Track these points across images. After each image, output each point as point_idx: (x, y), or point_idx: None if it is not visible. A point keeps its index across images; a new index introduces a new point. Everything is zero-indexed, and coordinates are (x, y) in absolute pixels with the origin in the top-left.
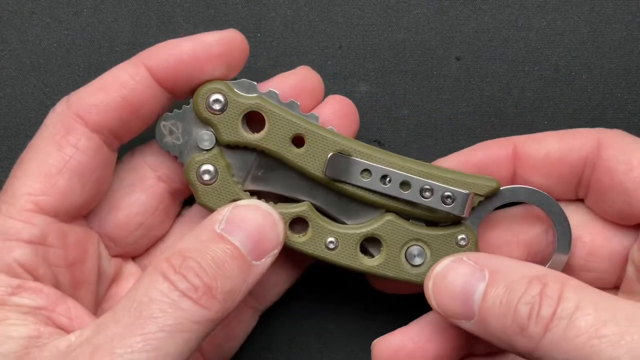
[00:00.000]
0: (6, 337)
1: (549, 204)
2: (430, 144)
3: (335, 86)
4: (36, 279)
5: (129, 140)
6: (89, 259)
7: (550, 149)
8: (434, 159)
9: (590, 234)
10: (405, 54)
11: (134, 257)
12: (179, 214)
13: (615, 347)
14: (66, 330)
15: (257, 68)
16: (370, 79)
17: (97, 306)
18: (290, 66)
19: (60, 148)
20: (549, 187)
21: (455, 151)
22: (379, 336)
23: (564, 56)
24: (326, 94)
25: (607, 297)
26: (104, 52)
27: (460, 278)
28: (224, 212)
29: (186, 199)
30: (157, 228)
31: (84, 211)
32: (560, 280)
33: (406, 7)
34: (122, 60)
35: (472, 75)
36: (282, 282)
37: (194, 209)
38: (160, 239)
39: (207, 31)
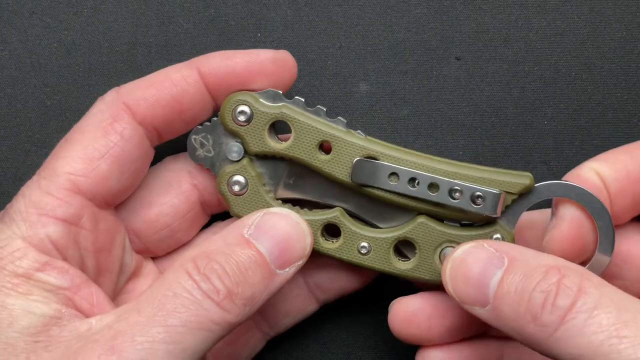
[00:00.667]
0: (28, 312)
1: (589, 200)
2: (430, 144)
3: (335, 86)
4: (64, 258)
5: (165, 141)
6: (116, 248)
7: (628, 167)
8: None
9: (627, 244)
10: (405, 54)
11: (154, 258)
12: (207, 227)
13: (636, 349)
14: (86, 315)
15: None
16: (370, 79)
17: (113, 298)
18: None
19: (106, 134)
20: (634, 205)
21: (455, 151)
22: (378, 336)
23: (564, 56)
24: (326, 94)
25: (628, 298)
26: (104, 52)
27: (478, 263)
28: (254, 218)
29: (216, 214)
30: (182, 233)
31: (117, 200)
32: (580, 274)
33: (406, 7)
34: (122, 61)
35: (472, 75)
36: (297, 313)
37: (225, 224)
38: (182, 245)
39: (207, 31)
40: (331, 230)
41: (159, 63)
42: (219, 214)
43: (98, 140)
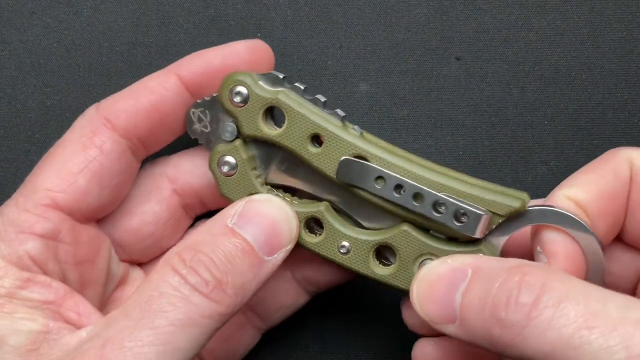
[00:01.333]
0: (15, 330)
1: (581, 230)
2: (430, 144)
3: (335, 86)
4: (45, 273)
5: (155, 152)
6: (100, 260)
7: (600, 187)
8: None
9: (612, 267)
10: (405, 54)
11: (141, 264)
12: (191, 226)
13: (607, 337)
14: (75, 326)
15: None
16: (370, 79)
17: (102, 308)
18: (291, 66)
19: (85, 149)
20: (614, 225)
21: (455, 151)
22: (378, 337)
23: (564, 56)
24: (326, 94)
25: (595, 288)
26: (104, 52)
27: (442, 280)
28: (237, 207)
29: (199, 215)
30: (166, 239)
31: (99, 214)
32: (543, 270)
33: (406, 7)
34: (122, 61)
35: (472, 75)
36: (288, 306)
37: None
38: (168, 249)
39: (207, 31)
40: (313, 225)
41: (159, 63)
42: (202, 214)
43: (77, 156)
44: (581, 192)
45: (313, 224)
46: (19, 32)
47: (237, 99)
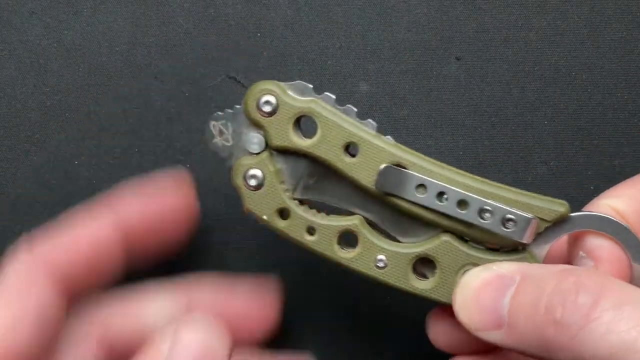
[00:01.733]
0: None
1: (626, 237)
2: (430, 144)
3: (335, 86)
4: None
5: (80, 299)
6: None
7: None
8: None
9: None
10: (405, 54)
11: None
12: None
13: None
14: None
15: (257, 68)
16: (370, 79)
17: None
18: (291, 66)
19: (23, 299)
20: None
21: (455, 151)
22: (377, 336)
23: (564, 56)
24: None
25: None
26: (104, 52)
27: (489, 286)
28: (166, 342)
29: None
30: None
31: None
32: (598, 274)
33: (406, 7)
34: (122, 61)
35: (472, 75)
36: None
37: None
38: None
39: (207, 31)
40: (347, 240)
41: (159, 63)
42: None
43: (13, 307)
44: (622, 203)
45: (345, 240)
46: (19, 32)
47: (267, 109)
